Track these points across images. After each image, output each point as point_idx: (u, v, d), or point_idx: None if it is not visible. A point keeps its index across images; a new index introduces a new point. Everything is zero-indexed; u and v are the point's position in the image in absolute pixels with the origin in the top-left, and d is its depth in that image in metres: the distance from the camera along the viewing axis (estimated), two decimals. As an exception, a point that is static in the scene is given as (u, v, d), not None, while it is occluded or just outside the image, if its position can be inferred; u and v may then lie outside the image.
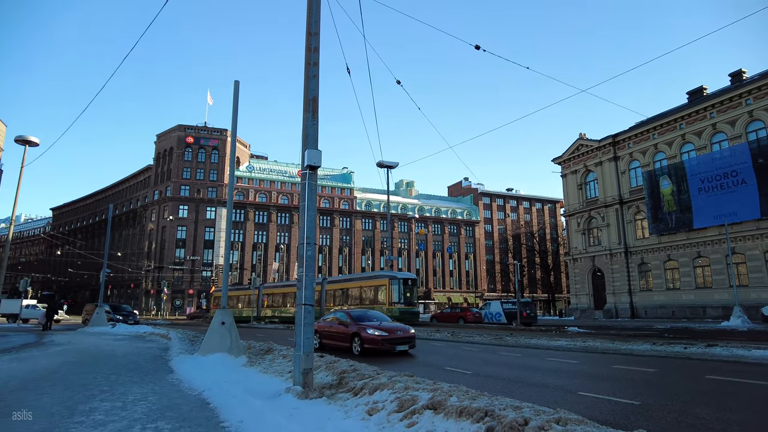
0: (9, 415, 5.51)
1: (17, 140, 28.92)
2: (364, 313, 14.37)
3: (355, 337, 12.86)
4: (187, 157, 70.24)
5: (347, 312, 14.34)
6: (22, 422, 4.58)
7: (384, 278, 32.23)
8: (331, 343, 13.97)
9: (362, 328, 12.80)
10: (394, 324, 13.91)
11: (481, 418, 4.34)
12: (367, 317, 13.88)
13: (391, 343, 12.51)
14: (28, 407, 6.08)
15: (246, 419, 5.34)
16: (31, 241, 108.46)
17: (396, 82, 11.17)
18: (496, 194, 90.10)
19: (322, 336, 14.35)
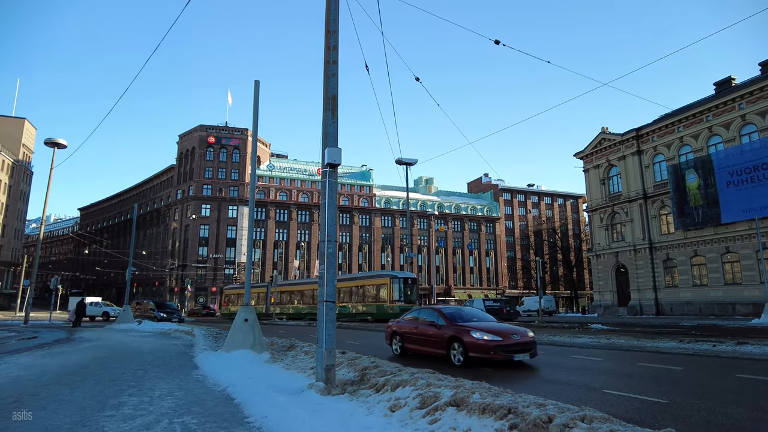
0: (9, 417, 5.68)
1: (47, 143, 29.78)
2: (458, 310, 11.50)
3: (454, 342, 10.05)
4: (209, 156, 71.27)
5: (437, 309, 11.38)
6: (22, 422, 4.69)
7: (385, 277, 34.13)
8: (418, 349, 11.23)
9: (464, 331, 9.95)
10: (505, 325, 10.98)
11: (504, 415, 4.32)
12: (464, 315, 11.02)
13: (508, 351, 9.58)
14: (60, 401, 6.28)
15: (270, 415, 5.41)
16: (60, 240, 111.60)
17: (415, 79, 11.15)
18: (517, 190, 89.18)
19: (404, 340, 11.74)
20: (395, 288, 32.92)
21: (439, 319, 10.75)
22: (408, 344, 11.52)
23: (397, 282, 33.08)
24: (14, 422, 5.17)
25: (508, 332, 9.94)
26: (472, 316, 11.04)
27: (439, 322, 10.61)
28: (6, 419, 5.29)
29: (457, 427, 4.57)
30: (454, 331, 10.08)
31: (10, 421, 5.20)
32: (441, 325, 10.51)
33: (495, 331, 9.86)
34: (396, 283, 33.04)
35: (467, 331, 9.86)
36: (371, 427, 4.78)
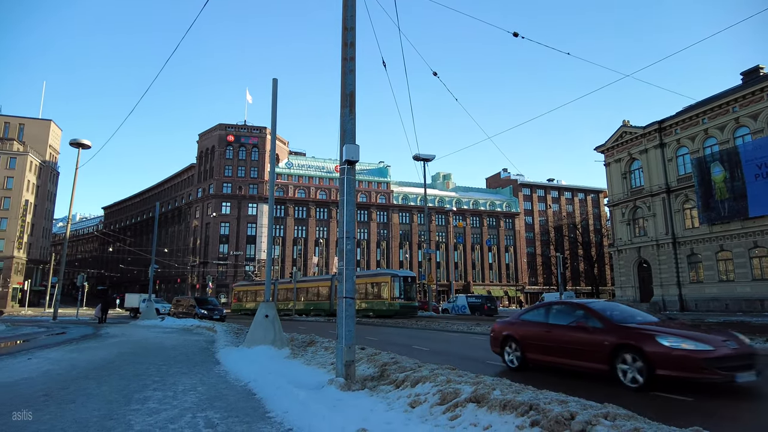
0: (41, 409, 5.82)
1: (72, 143, 30.53)
2: (612, 306, 8.29)
3: (624, 353, 6.83)
4: (228, 155, 72.10)
5: (582, 304, 8.33)
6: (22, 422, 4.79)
7: (387, 276, 35.76)
8: (554, 362, 8.11)
9: (642, 336, 6.78)
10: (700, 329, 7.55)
11: (525, 411, 4.29)
12: (625, 313, 7.91)
13: (727, 367, 6.18)
14: (89, 395, 6.44)
15: (291, 410, 5.47)
16: (85, 238, 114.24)
17: (432, 74, 11.09)
18: (537, 185, 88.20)
19: (526, 348, 8.58)
20: (396, 286, 34.16)
21: (590, 319, 7.70)
22: (534, 354, 8.43)
23: (397, 280, 34.32)
24: (42, 416, 5.34)
25: (713, 338, 6.58)
26: (631, 314, 7.95)
27: (591, 324, 7.57)
28: (39, 411, 5.46)
29: (478, 423, 4.55)
30: (622, 337, 6.95)
31: (42, 413, 5.36)
32: (596, 328, 7.44)
33: (696, 337, 6.54)
34: (397, 281, 34.27)
35: (649, 336, 6.67)
36: (391, 422, 4.79)
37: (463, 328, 21.82)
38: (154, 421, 5.06)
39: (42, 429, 4.80)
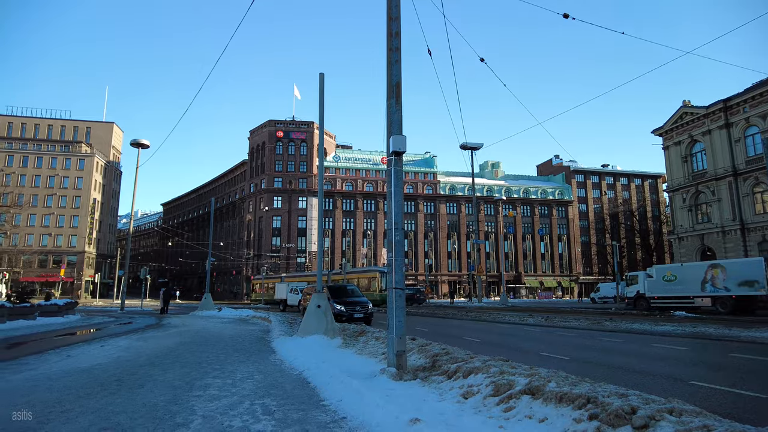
0: (87, 398, 6.16)
1: (132, 144, 32.15)
2: None
3: None
4: (278, 150, 73.81)
5: None
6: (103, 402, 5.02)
7: (375, 272, 41.85)
8: None
9: None
10: None
11: (583, 404, 4.15)
12: None
13: None
14: (155, 381, 6.81)
15: (345, 398, 5.56)
16: (146, 234, 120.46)
17: (480, 60, 10.85)
18: (591, 171, 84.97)
19: None
20: (382, 279, 39.08)
21: None
22: None
23: (384, 275, 38.79)
24: (116, 399, 5.70)
25: None
26: None
27: None
28: (113, 395, 5.84)
29: (533, 415, 4.46)
30: None
31: (116, 397, 5.73)
32: None
33: None
34: (383, 276, 39.12)
35: None
36: (444, 413, 4.78)
37: (515, 319, 21.50)
38: (215, 407, 5.29)
39: (117, 410, 5.14)
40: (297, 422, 4.72)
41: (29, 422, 4.66)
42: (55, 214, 74.40)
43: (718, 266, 26.30)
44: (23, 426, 4.55)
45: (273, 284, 50.97)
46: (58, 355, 9.73)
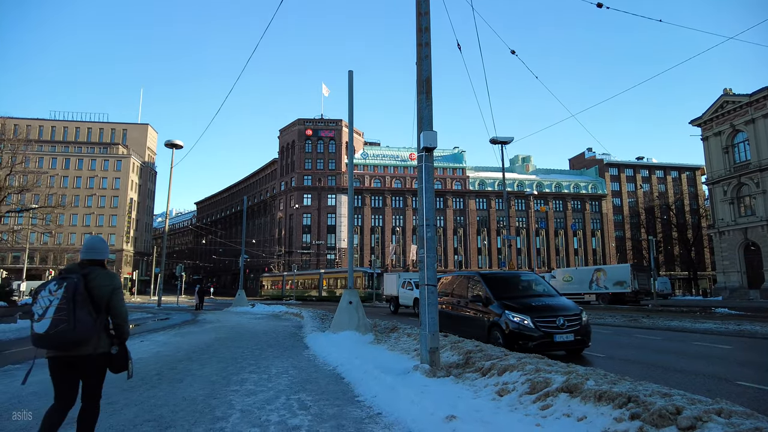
0: (131, 391, 6.34)
1: (167, 144, 32.95)
2: None
3: None
4: (307, 148, 74.58)
5: None
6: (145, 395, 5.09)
7: (360, 272, 48.02)
8: None
9: None
10: None
11: (623, 403, 4.05)
12: None
13: None
14: (194, 376, 7.00)
15: (379, 394, 5.58)
16: (181, 232, 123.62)
17: (510, 52, 10.67)
18: (625, 164, 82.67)
19: None
20: (366, 278, 46.34)
21: None
22: None
23: (367, 275, 46.62)
24: (157, 392, 5.88)
25: None
26: None
27: None
28: (154, 388, 6.03)
29: (571, 414, 4.38)
30: None
31: (157, 390, 5.92)
32: None
33: None
34: (366, 275, 46.50)
35: None
36: (480, 410, 4.74)
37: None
38: (252, 402, 5.40)
39: (159, 404, 5.32)
40: (333, 417, 4.77)
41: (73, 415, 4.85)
42: (95, 214, 77.17)
43: (601, 270, 35.14)
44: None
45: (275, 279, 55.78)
46: (101, 350, 10.09)
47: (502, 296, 9.32)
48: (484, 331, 9.25)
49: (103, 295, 3.31)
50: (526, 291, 10.14)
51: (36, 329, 3.12)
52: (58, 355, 3.25)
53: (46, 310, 3.10)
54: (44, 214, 35.62)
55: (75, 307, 3.11)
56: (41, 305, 3.14)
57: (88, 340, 3.22)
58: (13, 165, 30.96)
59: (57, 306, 3.09)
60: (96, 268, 3.41)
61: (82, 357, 3.26)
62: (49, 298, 3.14)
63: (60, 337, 3.09)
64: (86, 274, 3.30)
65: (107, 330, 3.41)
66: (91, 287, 3.27)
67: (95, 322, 3.23)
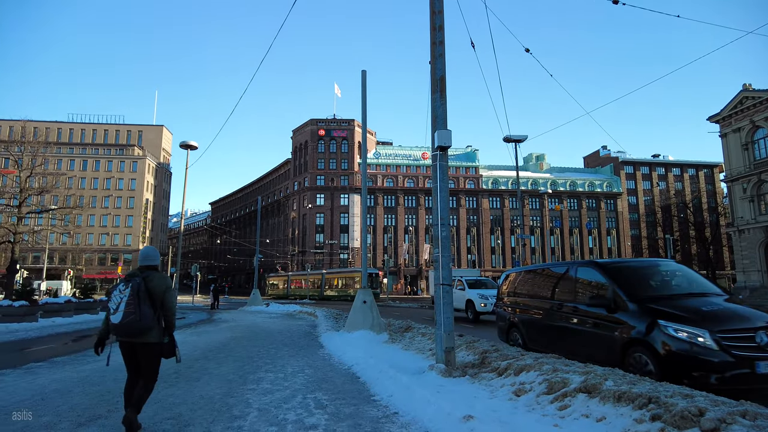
0: (174, 385, 6.40)
1: (181, 145, 33.22)
2: None
3: None
4: (320, 149, 74.85)
5: None
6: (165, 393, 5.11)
7: (358, 271, 48.70)
8: None
9: None
10: None
11: (644, 404, 3.99)
12: None
13: None
14: (211, 375, 7.06)
15: (395, 394, 5.58)
16: (196, 232, 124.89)
17: (525, 50, 10.58)
18: (640, 162, 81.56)
19: None
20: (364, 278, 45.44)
21: None
22: None
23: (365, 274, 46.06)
24: (175, 390, 5.94)
25: None
26: None
27: None
28: (172, 387, 6.09)
29: (590, 414, 4.34)
30: None
31: (175, 389, 5.98)
32: None
33: None
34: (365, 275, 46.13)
35: None
36: (497, 410, 4.71)
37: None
38: (269, 401, 5.43)
39: (177, 402, 5.38)
40: (349, 416, 4.78)
41: (99, 411, 4.94)
42: (111, 215, 78.28)
43: None
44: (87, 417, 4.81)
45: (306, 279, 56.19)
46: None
47: (641, 296, 6.11)
48: (615, 351, 6.00)
49: (158, 292, 4.11)
50: (676, 288, 6.80)
51: (112, 320, 3.96)
52: (127, 341, 4.09)
53: (119, 305, 3.92)
54: (63, 215, 36.22)
55: (140, 302, 3.93)
56: (114, 302, 3.97)
57: (151, 329, 4.02)
58: (33, 167, 31.55)
59: (126, 301, 3.91)
60: (152, 272, 4.24)
61: (142, 344, 4.07)
62: (120, 296, 3.95)
63: (130, 326, 3.92)
64: (146, 276, 4.11)
65: (160, 324, 4.15)
66: (150, 287, 4.07)
67: (155, 314, 4.05)
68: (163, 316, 4.17)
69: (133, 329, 3.94)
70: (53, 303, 18.66)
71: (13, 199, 31.98)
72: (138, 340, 4.04)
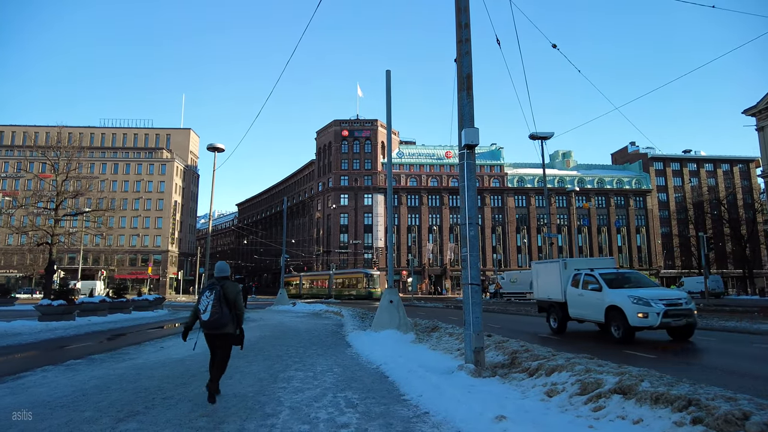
0: (183, 386, 6.52)
1: (209, 148, 33.84)
2: None
3: None
4: (343, 149, 75.18)
5: None
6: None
7: (360, 273, 55.41)
8: None
9: None
10: None
11: (683, 407, 3.89)
12: None
13: None
14: (243, 373, 7.18)
15: (425, 393, 5.57)
16: (223, 232, 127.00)
17: (552, 46, 10.43)
18: (671, 158, 79.39)
19: None
20: (365, 279, 53.25)
21: None
22: None
23: (366, 275, 53.70)
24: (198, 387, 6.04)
25: None
26: None
27: None
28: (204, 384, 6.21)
29: (626, 416, 4.25)
30: None
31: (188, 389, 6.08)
32: None
33: None
34: (366, 276, 53.58)
35: None
36: (529, 411, 4.66)
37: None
38: (300, 399, 5.49)
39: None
40: (380, 416, 4.79)
41: (136, 407, 5.07)
42: (141, 217, 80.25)
43: None
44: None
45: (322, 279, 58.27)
46: (153, 347, 10.53)
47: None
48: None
49: (231, 296, 5.34)
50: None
51: (202, 318, 5.22)
52: (211, 332, 5.34)
53: (207, 307, 5.18)
54: (96, 217, 37.30)
55: (221, 304, 5.20)
56: (203, 304, 5.23)
57: (228, 324, 5.30)
58: (68, 171, 32.57)
59: (212, 304, 5.17)
60: (226, 281, 5.46)
61: (222, 335, 5.36)
62: (207, 300, 5.21)
63: (215, 322, 5.20)
64: (222, 284, 5.36)
65: (233, 320, 5.39)
66: (226, 292, 5.31)
67: (230, 313, 5.31)
68: (234, 315, 5.38)
69: (217, 324, 5.21)
70: (89, 302, 19.22)
71: (50, 202, 33.10)
72: (219, 332, 5.30)
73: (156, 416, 4.76)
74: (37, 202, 34.73)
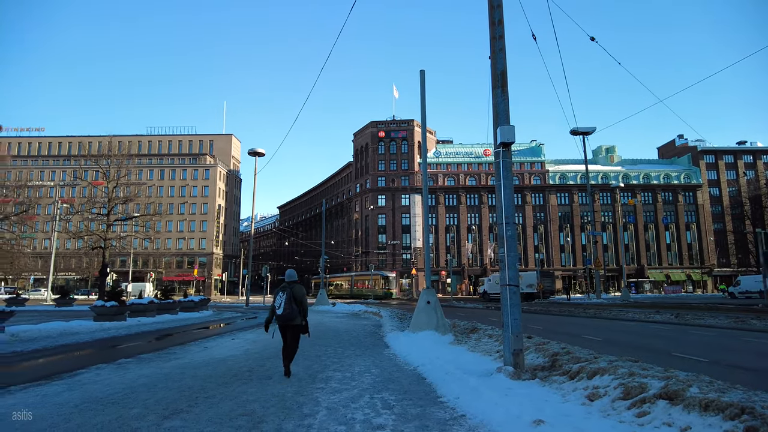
0: (225, 386, 6.66)
1: (250, 153, 34.78)
2: None
3: None
4: (380, 150, 75.44)
5: None
6: (239, 388, 5.21)
7: (378, 275, 58.05)
8: None
9: None
10: None
11: (736, 414, 3.69)
12: None
13: None
14: (281, 372, 7.31)
15: (462, 395, 5.52)
16: (265, 235, 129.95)
17: (590, 39, 10.12)
18: (723, 150, 75.50)
19: None
20: (382, 281, 56.55)
21: None
22: None
23: (384, 277, 56.78)
24: (249, 388, 6.20)
25: None
26: None
27: None
28: (245, 384, 6.38)
29: (673, 423, 4.07)
30: None
31: (248, 386, 6.25)
32: None
33: None
34: (383, 278, 56.73)
35: None
36: (570, 415, 4.54)
37: (640, 316, 19.91)
38: (338, 400, 5.55)
39: (251, 399, 5.61)
40: (417, 417, 4.78)
41: (180, 405, 5.26)
42: (187, 220, 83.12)
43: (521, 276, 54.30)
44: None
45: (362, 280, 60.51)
46: (197, 347, 10.87)
47: None
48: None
49: (298, 297, 6.81)
50: None
51: (278, 312, 6.74)
52: (284, 324, 6.83)
53: (281, 304, 6.69)
54: (144, 222, 38.90)
55: (291, 303, 6.71)
56: (278, 302, 6.74)
57: (296, 317, 6.77)
58: (119, 178, 34.15)
59: (285, 302, 6.68)
60: (295, 284, 6.93)
61: (292, 325, 6.84)
62: (280, 299, 6.72)
63: (287, 316, 6.70)
64: (292, 287, 6.84)
65: (300, 314, 6.82)
66: (295, 293, 6.80)
67: (298, 309, 6.79)
68: (301, 310, 6.81)
69: (288, 317, 6.71)
70: (138, 303, 20.08)
71: (103, 208, 34.76)
72: (290, 323, 6.79)
73: (198, 414, 4.92)
74: (90, 208, 36.62)
